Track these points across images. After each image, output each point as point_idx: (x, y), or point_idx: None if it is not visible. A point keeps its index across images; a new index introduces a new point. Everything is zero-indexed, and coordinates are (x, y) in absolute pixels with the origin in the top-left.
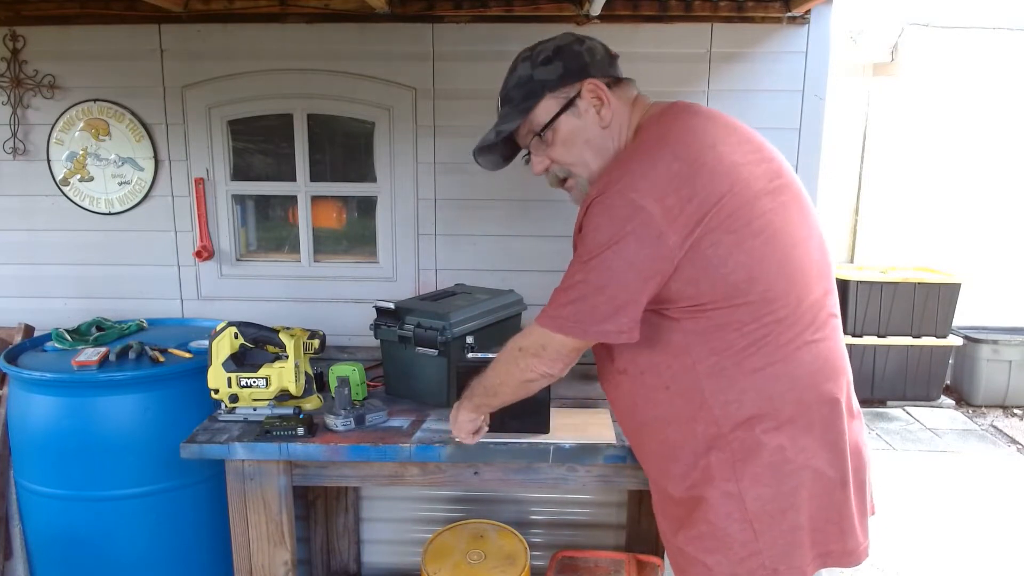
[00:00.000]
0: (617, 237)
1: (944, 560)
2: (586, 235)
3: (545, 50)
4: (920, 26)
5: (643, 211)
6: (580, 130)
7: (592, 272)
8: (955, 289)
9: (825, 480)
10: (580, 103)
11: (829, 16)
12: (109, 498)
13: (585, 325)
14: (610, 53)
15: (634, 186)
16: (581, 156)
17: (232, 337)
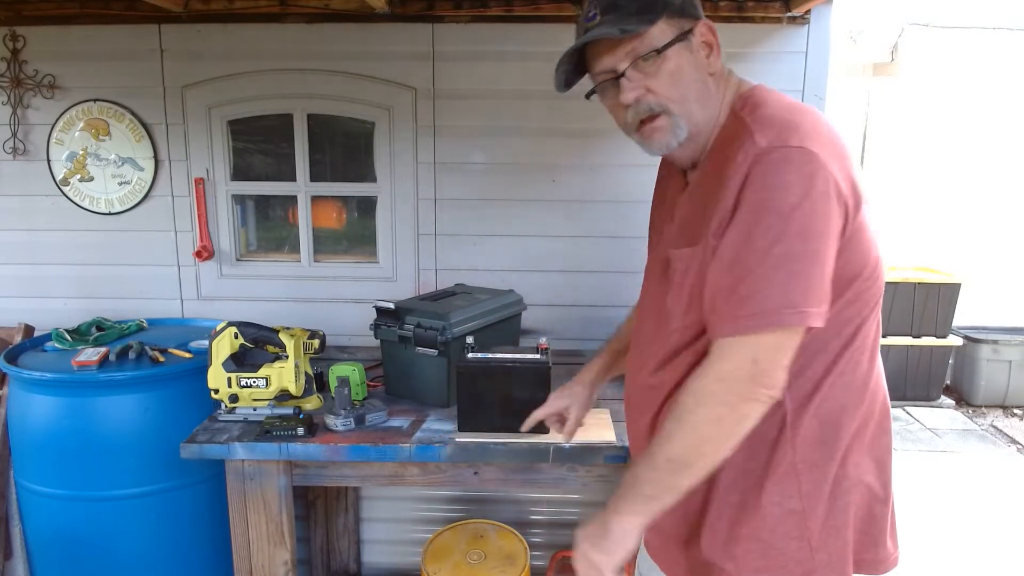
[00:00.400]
0: (810, 195)
1: (944, 560)
2: (767, 196)
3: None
4: (920, 26)
5: (825, 168)
6: (691, 67)
7: (795, 238)
8: (955, 289)
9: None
10: (693, 40)
11: (829, 16)
12: (109, 498)
13: (804, 305)
14: None
15: (811, 141)
16: (686, 95)
17: (232, 337)
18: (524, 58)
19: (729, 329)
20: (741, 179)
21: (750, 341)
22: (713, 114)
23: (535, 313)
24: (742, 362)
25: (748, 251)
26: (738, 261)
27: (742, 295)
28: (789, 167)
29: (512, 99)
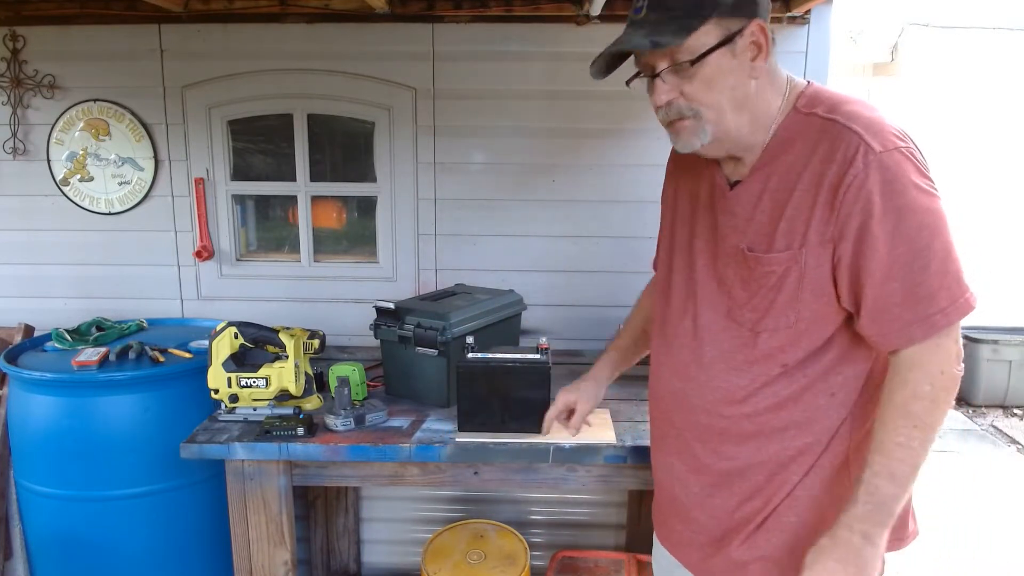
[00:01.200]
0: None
1: (944, 560)
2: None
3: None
4: (920, 26)
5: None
6: (730, 73)
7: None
8: None
9: None
10: (739, 42)
11: (829, 16)
12: (109, 498)
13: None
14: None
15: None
16: (720, 102)
17: (232, 337)
18: (524, 58)
19: (924, 332)
20: (867, 186)
21: (950, 331)
22: (757, 116)
23: (535, 313)
24: (951, 348)
25: (910, 253)
26: (901, 265)
27: (923, 296)
28: (909, 165)
29: (512, 99)
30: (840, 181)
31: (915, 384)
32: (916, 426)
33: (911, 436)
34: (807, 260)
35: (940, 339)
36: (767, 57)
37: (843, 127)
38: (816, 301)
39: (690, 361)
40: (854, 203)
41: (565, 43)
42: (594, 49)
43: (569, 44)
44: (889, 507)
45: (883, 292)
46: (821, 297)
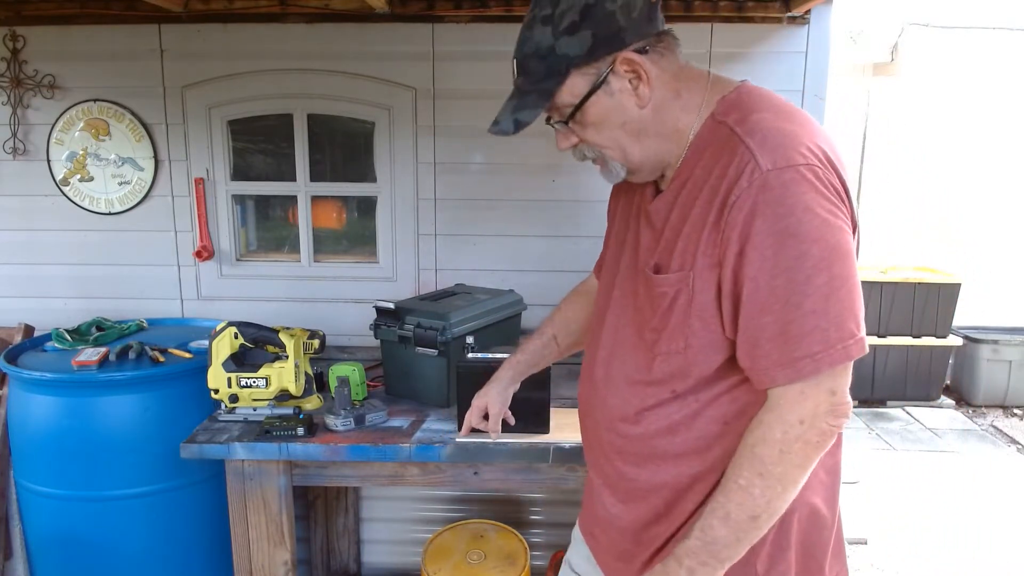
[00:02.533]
0: (831, 211)
1: (944, 560)
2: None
3: (572, 10)
4: (920, 26)
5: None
6: (615, 111)
7: (834, 262)
8: (955, 289)
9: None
10: (613, 80)
11: (829, 16)
12: (109, 498)
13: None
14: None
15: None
16: (616, 140)
17: (232, 337)
18: None
19: (787, 376)
20: (749, 205)
21: (818, 377)
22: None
23: (535, 313)
24: (819, 399)
25: (786, 285)
26: (777, 298)
27: (795, 335)
28: (804, 186)
29: None
30: (726, 201)
31: (767, 427)
32: (760, 473)
33: (752, 482)
34: (695, 284)
35: (806, 387)
36: (652, 80)
37: (739, 140)
38: (704, 328)
39: (602, 376)
40: (735, 226)
41: None
42: None
43: None
44: (718, 550)
45: (756, 325)
46: (708, 324)
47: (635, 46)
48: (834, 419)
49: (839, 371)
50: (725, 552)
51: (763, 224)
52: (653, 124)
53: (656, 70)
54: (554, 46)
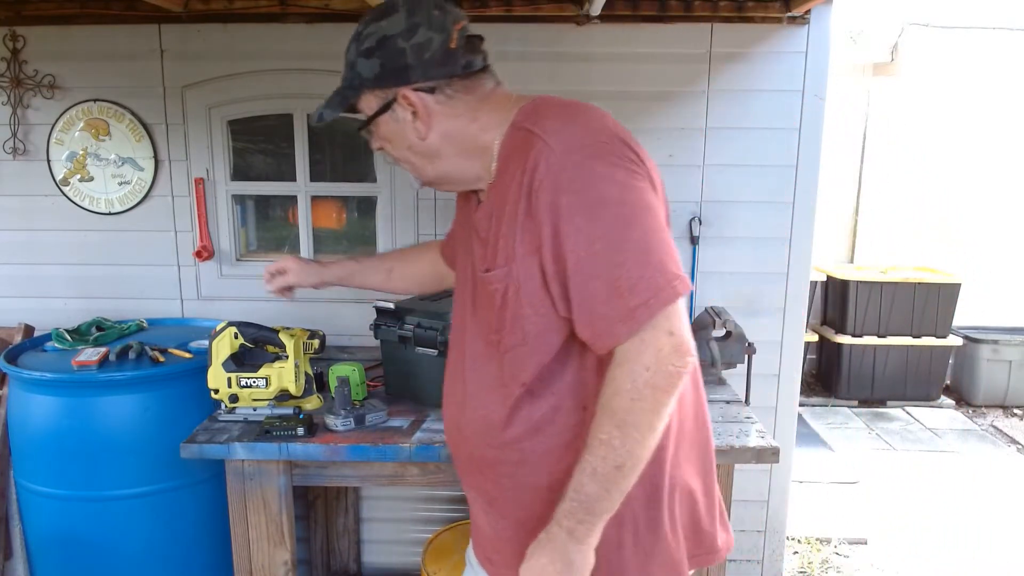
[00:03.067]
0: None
1: (944, 560)
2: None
3: (372, 36)
4: (920, 26)
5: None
6: (399, 135)
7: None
8: (955, 289)
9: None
10: (398, 108)
11: (829, 16)
12: (109, 498)
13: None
14: (448, 48)
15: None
16: (407, 158)
17: (232, 337)
18: (524, 58)
19: (628, 328)
20: (549, 188)
21: (655, 321)
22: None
23: None
24: (659, 342)
25: (607, 248)
26: (601, 261)
27: (626, 289)
28: (597, 159)
29: None
30: (531, 189)
31: (618, 381)
32: (617, 424)
33: (612, 434)
34: (519, 274)
35: (644, 334)
36: (431, 120)
37: (533, 135)
38: (536, 314)
39: (464, 393)
40: (543, 209)
41: (565, 43)
42: (594, 49)
43: (569, 44)
44: (592, 506)
45: (587, 293)
46: (540, 309)
47: (419, 85)
48: (678, 359)
49: (672, 312)
50: (599, 506)
51: (569, 200)
52: (441, 150)
53: (441, 109)
54: (355, 63)
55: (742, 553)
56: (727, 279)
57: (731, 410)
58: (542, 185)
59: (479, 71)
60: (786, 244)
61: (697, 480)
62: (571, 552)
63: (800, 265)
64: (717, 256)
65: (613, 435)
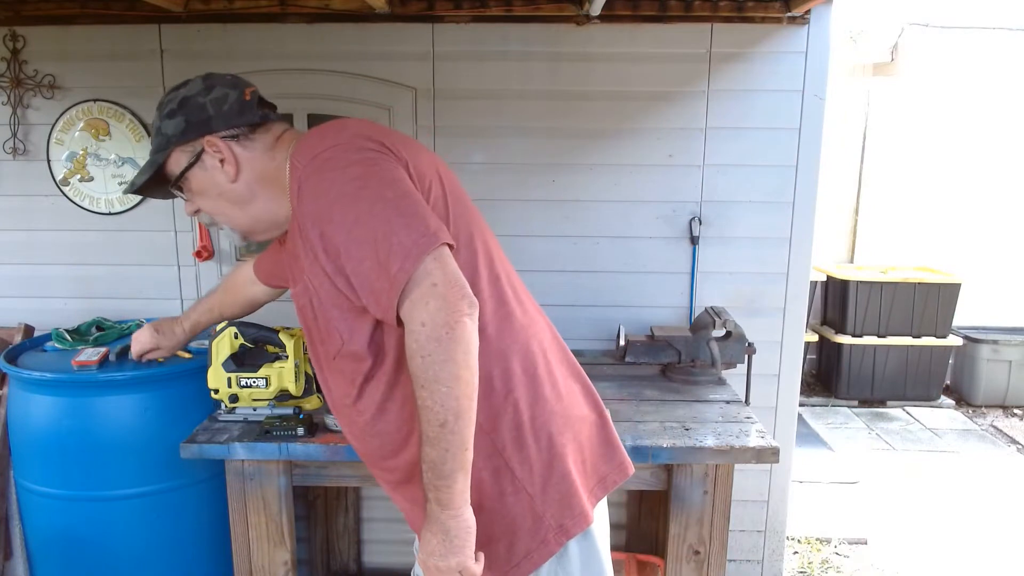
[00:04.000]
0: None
1: (944, 560)
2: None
3: (172, 100)
4: (920, 26)
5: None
6: (210, 183)
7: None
8: (955, 289)
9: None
10: (205, 158)
11: (829, 16)
12: (109, 498)
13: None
14: (243, 100)
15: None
16: (218, 206)
17: (232, 337)
18: (524, 58)
19: (396, 292)
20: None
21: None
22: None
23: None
24: (425, 297)
25: (362, 229)
26: (362, 243)
27: (385, 259)
28: (334, 159)
29: (512, 99)
30: (295, 208)
31: (408, 347)
32: (421, 385)
33: (422, 396)
34: (313, 283)
35: (412, 294)
36: (237, 160)
37: (291, 162)
38: (341, 313)
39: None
40: (307, 220)
41: (565, 43)
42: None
43: (569, 44)
44: (439, 469)
45: (362, 274)
46: (341, 306)
47: (222, 133)
48: (450, 306)
49: (431, 266)
50: (445, 468)
51: (317, 203)
52: (250, 193)
53: (243, 152)
54: (161, 126)
55: (742, 553)
56: (727, 279)
57: (731, 410)
58: (300, 200)
59: (272, 121)
60: (786, 244)
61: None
62: (445, 521)
63: (800, 265)
64: (717, 256)
65: (423, 396)
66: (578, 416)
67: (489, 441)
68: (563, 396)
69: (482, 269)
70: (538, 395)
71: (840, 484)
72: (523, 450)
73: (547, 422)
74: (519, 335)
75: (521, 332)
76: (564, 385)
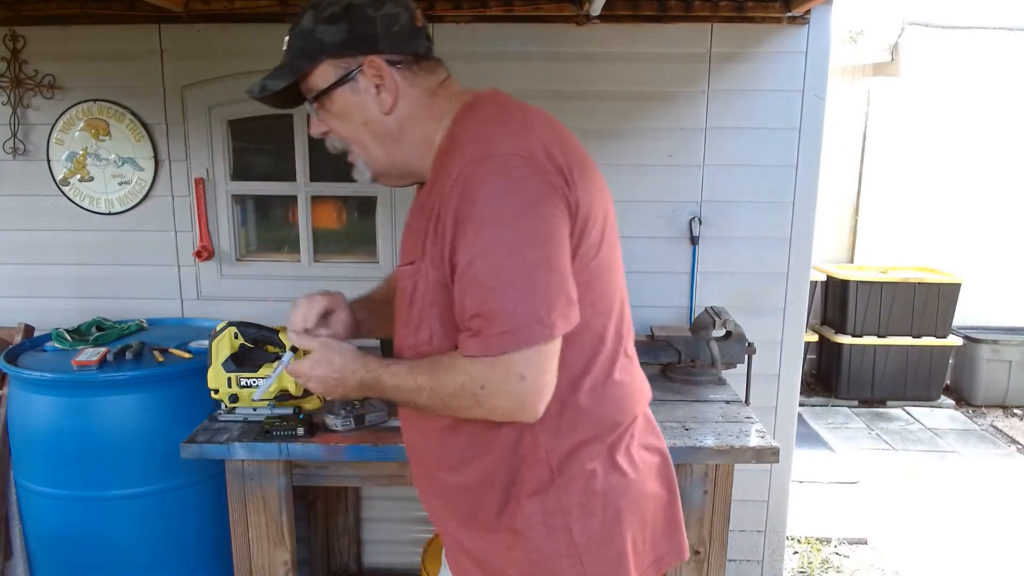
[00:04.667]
0: (531, 199)
1: (944, 560)
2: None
3: (335, 3)
4: (920, 26)
5: (542, 169)
6: (358, 109)
7: (526, 247)
8: (955, 289)
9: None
10: (360, 79)
11: (829, 16)
12: (109, 498)
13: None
14: (415, 24)
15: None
16: (358, 136)
17: (232, 337)
18: (524, 58)
19: (479, 348)
20: (457, 194)
21: (509, 359)
22: (412, 144)
23: None
24: (508, 377)
25: (483, 268)
26: (476, 279)
27: (487, 314)
28: (502, 175)
29: None
30: (443, 193)
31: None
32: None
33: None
34: (428, 273)
35: (495, 360)
36: (396, 91)
37: (458, 138)
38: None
39: None
40: (449, 215)
41: (565, 43)
42: (594, 49)
43: (569, 44)
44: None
45: (461, 304)
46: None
47: (386, 56)
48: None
49: (530, 355)
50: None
51: (466, 210)
52: (398, 131)
53: (405, 84)
54: (313, 30)
55: (742, 553)
56: (727, 279)
57: (731, 410)
58: (451, 191)
59: (437, 60)
60: (786, 244)
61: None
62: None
63: (800, 265)
64: (717, 256)
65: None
66: (650, 493)
67: (557, 498)
68: (640, 469)
69: (608, 337)
70: (616, 465)
71: (840, 484)
72: (588, 518)
73: (619, 496)
74: (611, 406)
75: (614, 403)
76: (643, 457)
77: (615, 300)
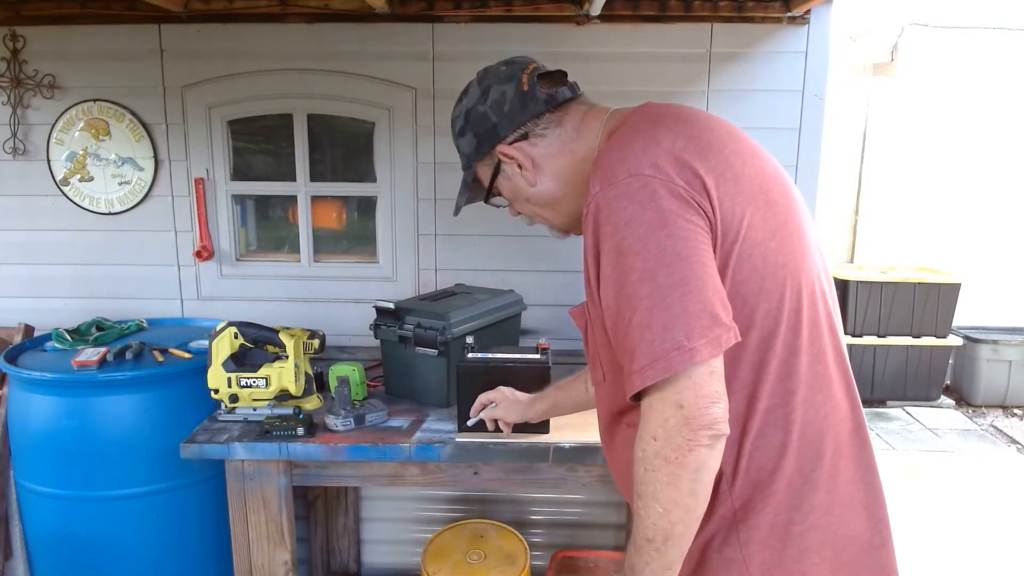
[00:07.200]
0: (658, 218)
1: (944, 560)
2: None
3: (459, 117)
4: (920, 26)
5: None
6: (518, 191)
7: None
8: (955, 289)
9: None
10: (504, 167)
11: (829, 16)
12: (109, 498)
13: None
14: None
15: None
16: (531, 209)
17: (232, 337)
18: None
19: (634, 385)
20: (590, 231)
21: (662, 390)
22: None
23: (535, 313)
24: (667, 412)
25: (621, 301)
26: (618, 314)
27: (630, 349)
28: (624, 200)
29: None
30: (585, 228)
31: (635, 446)
32: (639, 494)
33: (636, 504)
34: (591, 311)
35: (651, 399)
36: (536, 162)
37: (591, 176)
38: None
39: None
40: (588, 255)
41: (565, 43)
42: (594, 49)
43: (569, 44)
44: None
45: (612, 338)
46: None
47: (511, 137)
48: (690, 432)
49: (682, 383)
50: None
51: (598, 244)
52: (557, 190)
53: (539, 150)
54: (458, 145)
55: None
56: None
57: None
58: (587, 229)
59: (566, 102)
60: None
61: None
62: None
63: None
64: None
65: (638, 505)
66: (847, 535)
67: (735, 533)
68: (836, 506)
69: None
70: (805, 501)
71: None
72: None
73: (805, 533)
74: (808, 429)
75: (812, 426)
76: (844, 492)
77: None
